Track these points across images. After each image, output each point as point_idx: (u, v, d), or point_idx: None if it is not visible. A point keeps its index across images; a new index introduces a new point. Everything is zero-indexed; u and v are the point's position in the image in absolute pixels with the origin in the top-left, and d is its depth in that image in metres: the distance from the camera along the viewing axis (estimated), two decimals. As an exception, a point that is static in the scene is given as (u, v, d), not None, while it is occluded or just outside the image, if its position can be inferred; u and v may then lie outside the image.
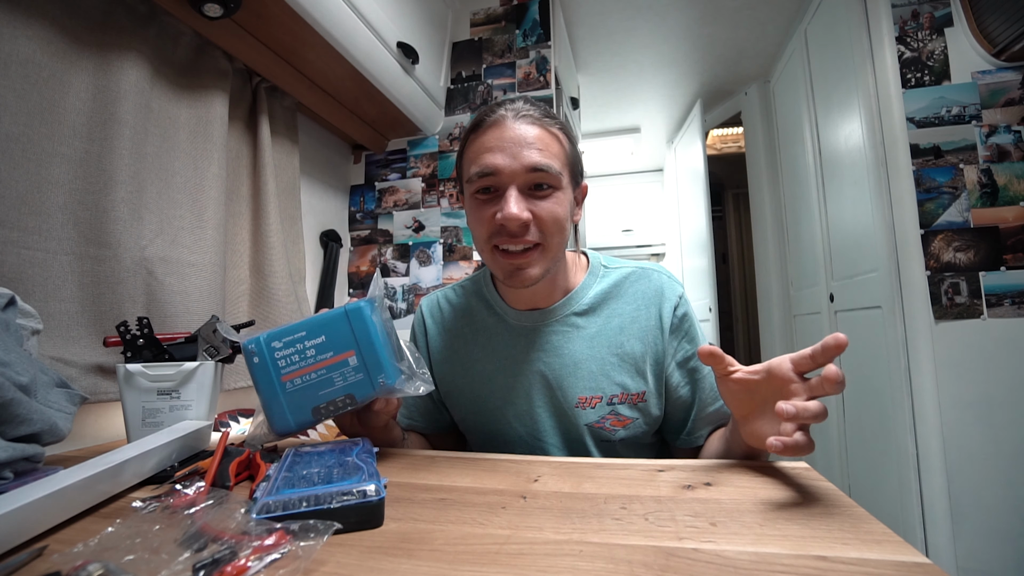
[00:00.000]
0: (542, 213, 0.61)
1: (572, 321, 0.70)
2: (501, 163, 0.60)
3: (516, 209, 0.59)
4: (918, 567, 0.29)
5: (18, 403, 0.49)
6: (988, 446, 1.32)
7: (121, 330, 0.64)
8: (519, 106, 0.63)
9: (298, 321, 0.55)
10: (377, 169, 1.73)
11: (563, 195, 0.63)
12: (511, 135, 0.61)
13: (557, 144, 0.63)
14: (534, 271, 0.62)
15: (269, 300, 1.15)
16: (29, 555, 0.34)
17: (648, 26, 2.07)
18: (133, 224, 0.86)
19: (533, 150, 0.60)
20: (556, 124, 0.64)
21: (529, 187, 0.61)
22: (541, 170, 0.60)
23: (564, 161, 0.64)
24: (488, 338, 0.73)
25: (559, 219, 0.62)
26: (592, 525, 0.37)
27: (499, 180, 0.61)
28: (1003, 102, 1.38)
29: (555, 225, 0.62)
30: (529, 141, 0.60)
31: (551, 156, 0.61)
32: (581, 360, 0.68)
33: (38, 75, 0.76)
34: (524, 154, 0.60)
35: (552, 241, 0.63)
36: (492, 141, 0.61)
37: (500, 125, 0.62)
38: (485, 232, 0.63)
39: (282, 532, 0.32)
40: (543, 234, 0.62)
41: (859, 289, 1.69)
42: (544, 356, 0.69)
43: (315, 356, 0.53)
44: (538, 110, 0.64)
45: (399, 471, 0.54)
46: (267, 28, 1.06)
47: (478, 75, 1.71)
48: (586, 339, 0.69)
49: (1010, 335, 1.32)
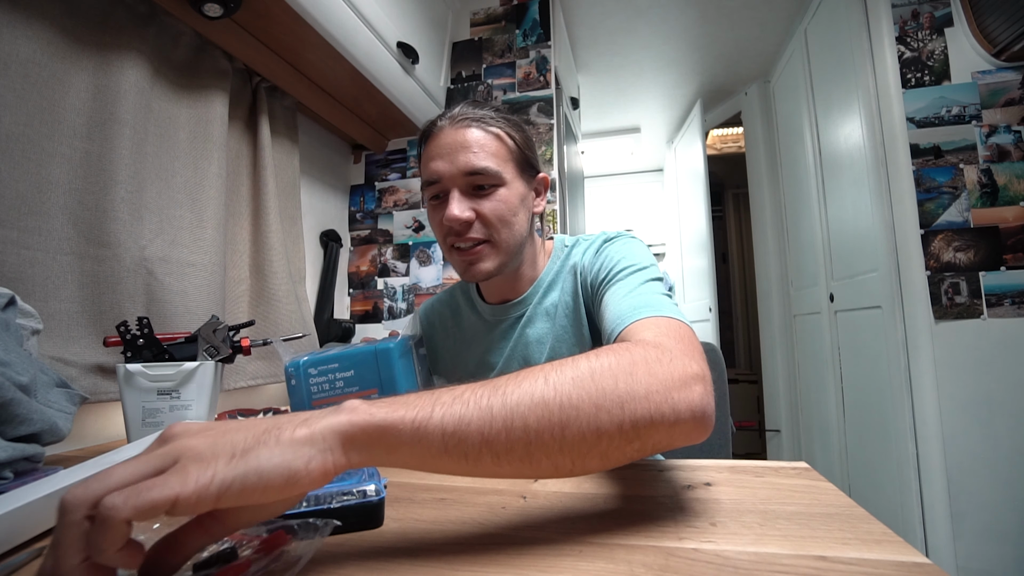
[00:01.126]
0: (484, 211, 0.64)
1: (538, 306, 0.73)
2: (441, 169, 0.64)
3: (457, 211, 0.62)
4: (918, 567, 0.29)
5: (18, 403, 0.49)
6: (988, 446, 1.32)
7: (121, 330, 0.64)
8: (458, 111, 0.67)
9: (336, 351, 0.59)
10: (377, 169, 1.73)
11: (507, 191, 0.65)
12: (448, 141, 0.64)
13: (496, 143, 0.65)
14: (486, 265, 0.66)
15: (269, 300, 1.15)
16: (29, 555, 0.34)
17: (648, 26, 2.07)
18: (133, 224, 0.86)
19: (468, 153, 0.63)
20: (496, 123, 0.66)
21: (471, 188, 0.64)
22: (477, 172, 0.63)
23: (505, 157, 0.66)
24: (472, 334, 0.78)
25: (503, 215, 0.65)
26: (592, 525, 0.37)
27: (443, 186, 0.65)
28: (1003, 102, 1.38)
29: (499, 221, 0.65)
30: (465, 145, 0.63)
31: (487, 156, 0.64)
32: (542, 335, 0.71)
33: (38, 75, 0.76)
34: (460, 159, 0.63)
35: (500, 236, 0.65)
36: (434, 150, 0.65)
37: (440, 133, 0.65)
38: (441, 234, 0.67)
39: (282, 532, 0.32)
40: (489, 230, 0.65)
41: (859, 289, 1.69)
42: (516, 346, 0.73)
43: (343, 388, 0.57)
44: (478, 111, 0.66)
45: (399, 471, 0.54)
46: (267, 28, 1.06)
47: (478, 75, 1.71)
48: (544, 316, 0.72)
49: (1010, 335, 1.32)
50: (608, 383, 0.34)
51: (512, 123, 0.69)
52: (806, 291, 2.15)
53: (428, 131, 0.68)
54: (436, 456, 0.31)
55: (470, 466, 0.32)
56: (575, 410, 0.33)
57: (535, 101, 1.64)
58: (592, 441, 0.33)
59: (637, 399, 0.34)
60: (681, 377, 0.37)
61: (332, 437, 0.29)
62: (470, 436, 0.31)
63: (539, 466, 0.33)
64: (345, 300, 1.69)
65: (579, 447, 0.33)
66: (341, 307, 1.66)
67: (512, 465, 0.32)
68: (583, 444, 0.33)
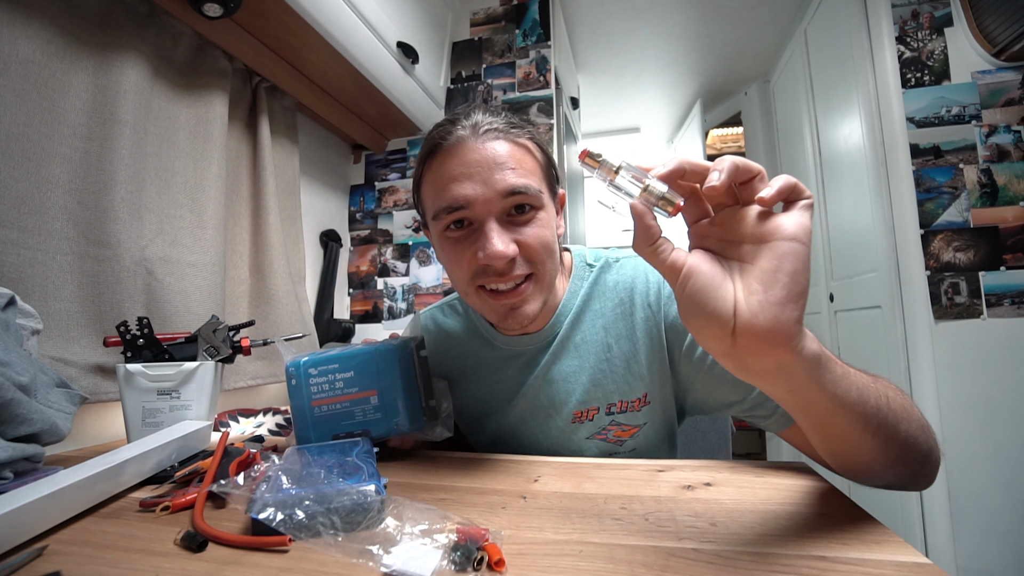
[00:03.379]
0: (529, 241, 0.53)
1: (565, 340, 0.64)
2: (472, 193, 0.51)
3: (501, 245, 0.51)
4: (918, 567, 0.29)
5: (18, 403, 0.49)
6: (988, 446, 1.31)
7: (121, 330, 0.64)
8: (479, 119, 0.54)
9: (337, 351, 0.58)
10: (377, 169, 1.73)
11: (546, 214, 0.56)
12: (478, 157, 0.52)
13: (531, 158, 0.55)
14: (531, 307, 0.55)
15: (269, 300, 1.15)
16: (29, 555, 0.34)
17: (648, 26, 2.07)
18: (133, 224, 0.86)
19: (507, 171, 0.52)
20: (525, 133, 0.56)
21: (508, 213, 0.53)
22: (520, 192, 0.52)
23: (541, 175, 0.56)
24: (476, 364, 0.69)
25: (548, 243, 0.55)
26: (592, 525, 0.37)
27: (473, 212, 0.53)
28: (1003, 102, 1.38)
29: (545, 251, 0.55)
30: (501, 161, 0.52)
31: (527, 173, 0.53)
32: (571, 374, 0.62)
33: (38, 75, 0.76)
34: (497, 177, 0.51)
35: (545, 269, 0.55)
36: (456, 168, 0.52)
37: (462, 147, 0.53)
38: (467, 274, 0.55)
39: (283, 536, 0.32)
40: (533, 263, 0.54)
41: (859, 289, 1.69)
42: (535, 380, 0.64)
43: (343, 389, 0.56)
44: (501, 120, 0.55)
45: (399, 471, 0.54)
46: (267, 28, 1.06)
47: (478, 75, 1.71)
48: (573, 350, 0.63)
49: (1010, 335, 1.32)
50: (915, 409, 0.42)
51: (536, 134, 0.58)
52: (806, 291, 2.14)
53: (439, 143, 0.54)
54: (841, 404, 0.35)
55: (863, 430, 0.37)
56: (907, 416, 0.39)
57: (535, 101, 1.64)
58: (907, 445, 0.39)
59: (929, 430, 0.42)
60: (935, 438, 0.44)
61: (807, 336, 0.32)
62: (852, 409, 0.35)
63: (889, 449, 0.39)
64: (345, 300, 1.69)
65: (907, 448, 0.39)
66: (341, 307, 1.66)
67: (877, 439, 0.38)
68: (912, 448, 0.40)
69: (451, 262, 0.56)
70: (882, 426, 0.37)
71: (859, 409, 0.36)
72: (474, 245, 0.53)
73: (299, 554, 0.34)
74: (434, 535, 0.34)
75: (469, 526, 0.33)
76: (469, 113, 0.55)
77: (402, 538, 0.34)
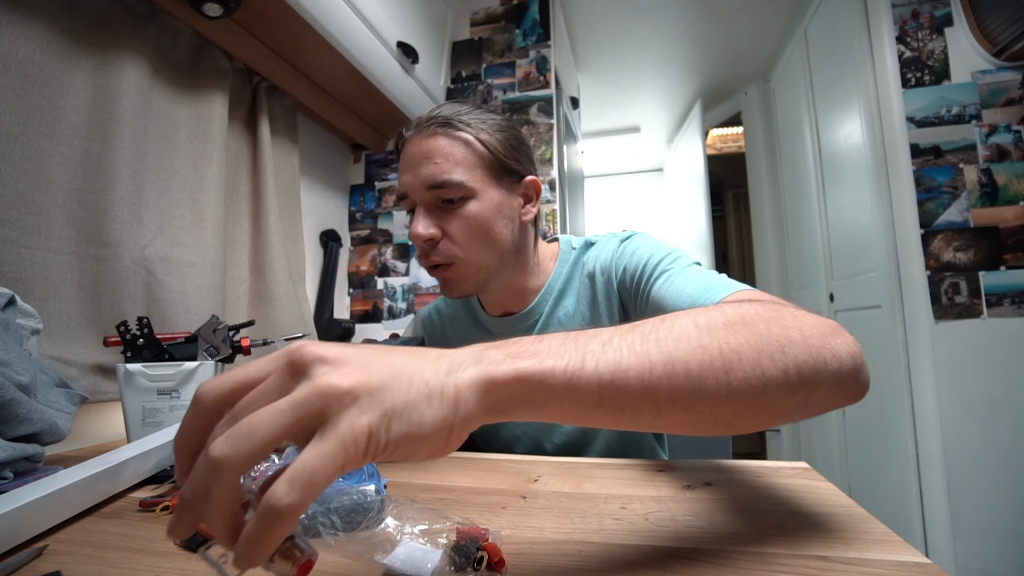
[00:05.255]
0: (451, 229, 0.59)
1: (549, 317, 0.68)
2: (409, 182, 0.59)
3: (421, 228, 0.58)
4: (918, 567, 0.29)
5: (18, 403, 0.49)
6: (988, 446, 1.32)
7: (121, 330, 0.64)
8: (427, 115, 0.61)
9: None
10: (377, 168, 1.73)
11: (479, 203, 0.59)
12: (413, 152, 0.60)
13: (463, 149, 0.59)
14: (462, 285, 0.62)
15: (269, 300, 1.15)
16: (29, 555, 0.34)
17: (648, 26, 2.07)
18: (133, 224, 0.86)
19: (430, 164, 0.58)
20: (466, 127, 0.59)
21: (439, 202, 0.59)
22: (438, 185, 0.58)
23: (474, 165, 0.59)
24: None
25: (471, 232, 0.59)
26: (592, 525, 0.37)
27: (411, 201, 0.61)
28: (1003, 102, 1.38)
29: (467, 239, 0.59)
30: (427, 155, 0.58)
31: (451, 166, 0.58)
32: None
33: (38, 75, 0.76)
34: (422, 171, 0.58)
35: (470, 255, 0.60)
36: (403, 161, 0.61)
37: (409, 142, 0.61)
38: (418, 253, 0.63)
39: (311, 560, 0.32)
40: (455, 249, 0.59)
41: (859, 289, 1.69)
42: None
43: None
44: (450, 111, 0.60)
45: (399, 471, 0.54)
46: (267, 28, 1.06)
47: (478, 75, 1.71)
48: (557, 325, 0.67)
49: (1010, 335, 1.32)
50: (761, 328, 0.31)
51: (492, 124, 0.61)
52: (806, 291, 2.15)
53: (404, 136, 0.63)
54: (589, 410, 0.27)
55: (627, 419, 0.28)
56: (735, 354, 0.29)
57: (535, 101, 1.64)
58: (758, 389, 0.29)
59: (795, 343, 0.30)
60: (830, 325, 0.33)
61: (471, 394, 0.25)
62: (628, 386, 0.27)
63: (700, 418, 0.29)
64: (345, 300, 1.69)
65: (744, 395, 0.29)
66: (341, 307, 1.66)
67: (673, 417, 0.29)
68: (749, 392, 0.29)
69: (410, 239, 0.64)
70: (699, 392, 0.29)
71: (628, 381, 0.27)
72: None
73: (299, 554, 0.34)
74: (434, 535, 0.34)
75: (469, 526, 0.33)
76: (433, 109, 0.62)
77: (402, 538, 0.34)
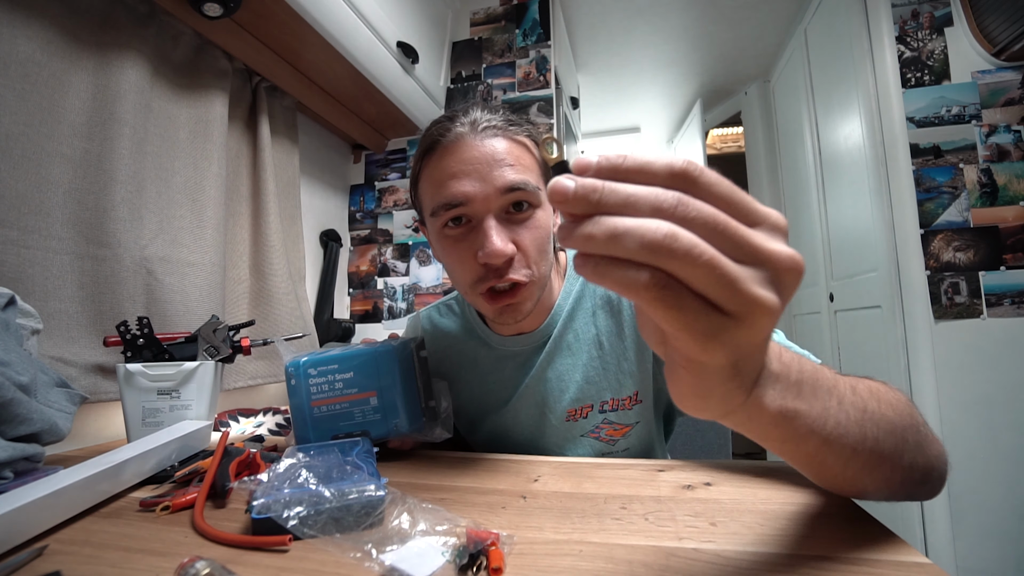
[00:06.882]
0: (525, 242, 0.53)
1: (558, 340, 0.64)
2: (471, 190, 0.51)
3: (500, 243, 0.51)
4: (918, 567, 0.29)
5: (18, 403, 0.49)
6: (988, 446, 1.31)
7: (121, 330, 0.64)
8: (478, 116, 0.54)
9: (336, 352, 0.58)
10: (377, 168, 1.73)
11: (543, 212, 0.56)
12: (476, 154, 0.52)
13: (529, 155, 0.55)
14: (525, 306, 0.56)
15: (269, 300, 1.15)
16: (29, 555, 0.34)
17: (648, 26, 2.07)
18: (133, 224, 0.86)
19: (505, 167, 0.52)
20: (523, 131, 0.56)
21: (506, 211, 0.53)
22: (519, 188, 0.52)
23: (538, 173, 0.56)
24: (473, 364, 0.69)
25: (542, 244, 0.55)
26: (592, 525, 0.37)
27: (472, 209, 0.52)
28: (1003, 102, 1.38)
29: (539, 252, 0.55)
30: (499, 158, 0.52)
31: (525, 170, 0.53)
32: (565, 372, 0.63)
33: (38, 75, 0.76)
34: (496, 174, 0.51)
35: (540, 271, 0.56)
36: (455, 165, 0.52)
37: (461, 144, 0.53)
38: (470, 276, 0.54)
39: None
40: (529, 265, 0.54)
41: (859, 289, 1.69)
42: (531, 380, 0.64)
43: (342, 389, 0.56)
44: (500, 117, 0.55)
45: (399, 471, 0.54)
46: (267, 28, 1.06)
47: (478, 75, 1.71)
48: (567, 349, 0.64)
49: (1010, 335, 1.32)
50: (917, 421, 0.37)
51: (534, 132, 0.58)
52: (806, 291, 2.15)
53: (437, 139, 0.54)
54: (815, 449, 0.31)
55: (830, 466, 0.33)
56: (905, 442, 0.34)
57: (535, 101, 1.64)
58: (907, 471, 0.35)
59: (933, 444, 0.38)
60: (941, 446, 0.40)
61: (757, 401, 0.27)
62: (845, 446, 0.31)
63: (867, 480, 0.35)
64: (345, 300, 1.68)
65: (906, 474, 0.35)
66: (341, 307, 1.65)
67: (854, 471, 0.34)
68: (912, 472, 0.36)
69: (452, 261, 0.56)
70: (872, 459, 0.33)
71: (844, 444, 0.31)
72: (474, 245, 0.53)
73: (299, 554, 0.34)
74: (434, 535, 0.34)
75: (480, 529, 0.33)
76: (468, 110, 0.55)
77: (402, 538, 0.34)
